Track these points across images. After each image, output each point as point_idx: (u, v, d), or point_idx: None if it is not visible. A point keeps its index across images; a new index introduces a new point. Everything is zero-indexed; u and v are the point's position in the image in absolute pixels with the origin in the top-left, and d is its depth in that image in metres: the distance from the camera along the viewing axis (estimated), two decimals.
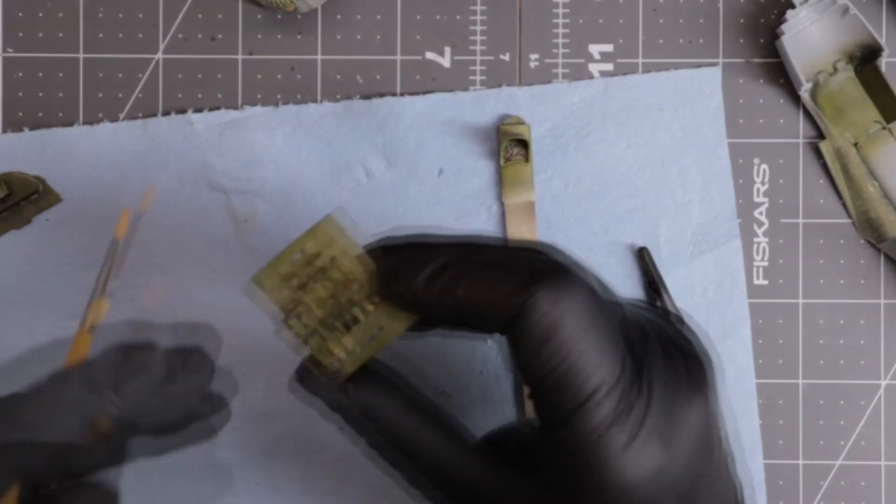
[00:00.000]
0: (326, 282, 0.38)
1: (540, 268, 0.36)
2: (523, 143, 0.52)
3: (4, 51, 0.53)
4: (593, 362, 0.35)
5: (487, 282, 0.36)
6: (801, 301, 0.53)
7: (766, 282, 0.53)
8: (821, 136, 0.53)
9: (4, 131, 0.53)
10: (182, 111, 0.53)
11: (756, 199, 0.53)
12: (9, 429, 0.36)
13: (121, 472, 0.52)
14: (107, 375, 0.39)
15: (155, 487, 0.52)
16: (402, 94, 0.53)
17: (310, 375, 0.39)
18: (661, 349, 0.37)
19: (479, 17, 0.53)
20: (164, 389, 0.40)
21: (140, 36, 0.53)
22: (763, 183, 0.53)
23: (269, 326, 0.44)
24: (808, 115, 0.53)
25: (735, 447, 0.52)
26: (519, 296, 0.35)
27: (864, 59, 0.52)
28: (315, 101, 0.53)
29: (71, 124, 0.53)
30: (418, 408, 0.39)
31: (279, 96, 0.53)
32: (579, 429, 0.35)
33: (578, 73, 0.53)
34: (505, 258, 0.37)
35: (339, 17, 0.53)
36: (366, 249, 0.38)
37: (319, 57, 0.53)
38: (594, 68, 0.53)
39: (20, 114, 0.53)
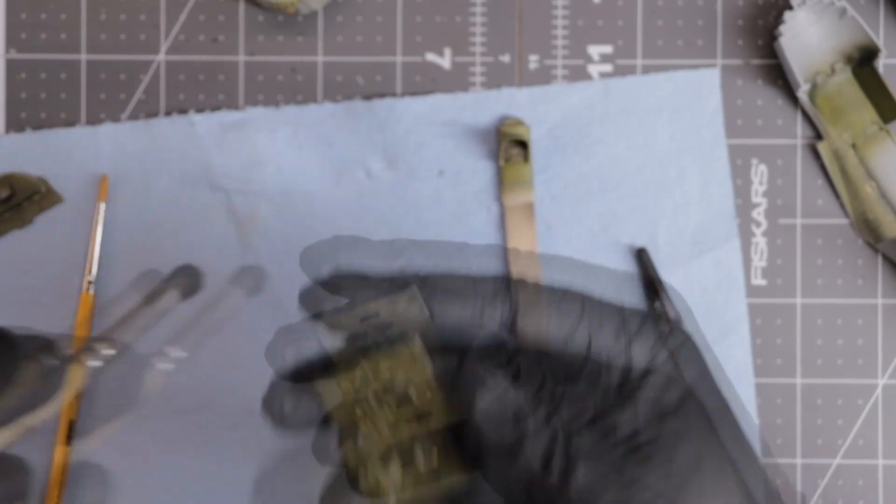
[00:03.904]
0: (393, 408, 0.34)
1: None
2: (523, 144, 0.52)
3: (7, 52, 0.53)
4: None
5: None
6: (799, 301, 0.53)
7: (764, 282, 0.53)
8: (819, 136, 0.53)
9: (7, 132, 0.53)
10: (184, 112, 0.53)
11: (754, 200, 0.53)
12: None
13: (119, 470, 0.52)
14: None
15: (154, 486, 0.53)
16: (402, 96, 0.53)
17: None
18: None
19: (478, 19, 0.53)
20: None
21: (142, 37, 0.53)
22: (761, 183, 0.53)
23: (270, 327, 0.44)
24: (807, 116, 0.53)
25: None
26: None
27: (862, 60, 0.52)
28: (316, 102, 0.53)
29: (73, 125, 0.53)
30: None
31: (280, 97, 0.53)
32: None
33: (578, 75, 0.53)
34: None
35: (339, 19, 0.53)
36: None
37: (320, 58, 0.53)
38: (593, 69, 0.53)
39: (23, 115, 0.53)
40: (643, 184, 0.53)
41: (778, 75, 0.53)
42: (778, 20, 0.52)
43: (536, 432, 0.33)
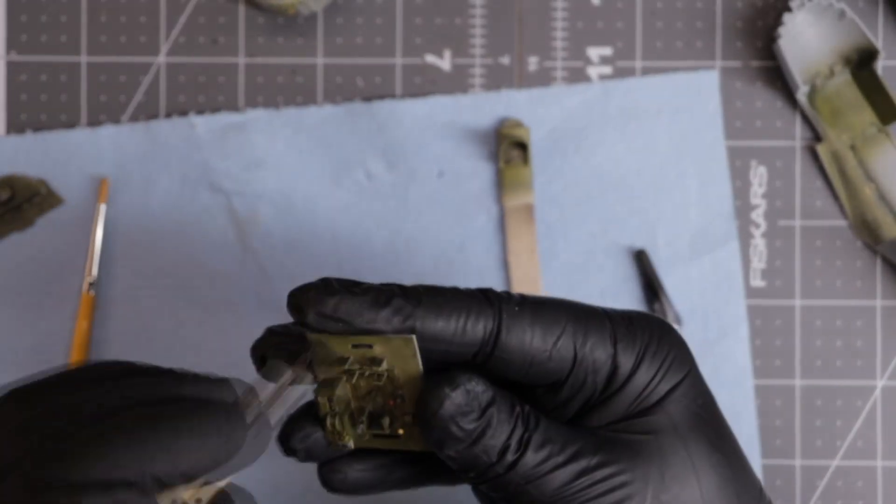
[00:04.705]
0: (373, 382, 0.36)
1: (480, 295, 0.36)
2: (522, 146, 0.52)
3: (8, 54, 0.53)
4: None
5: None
6: (798, 302, 0.53)
7: (763, 283, 0.53)
8: (818, 138, 0.53)
9: (7, 134, 0.53)
10: (184, 114, 0.53)
11: (753, 202, 0.53)
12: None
13: None
14: None
15: None
16: (402, 97, 0.53)
17: (291, 440, 0.37)
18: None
19: (478, 21, 0.53)
20: None
21: (142, 39, 0.53)
22: (760, 185, 0.53)
23: None
24: (806, 118, 0.53)
25: None
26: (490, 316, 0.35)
27: (861, 62, 0.52)
28: (316, 104, 0.53)
29: (73, 127, 0.53)
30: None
31: (280, 99, 0.53)
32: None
33: (577, 77, 0.53)
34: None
35: (339, 20, 0.53)
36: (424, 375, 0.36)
37: (320, 60, 0.53)
38: (593, 71, 0.53)
39: (23, 116, 0.53)
40: (642, 185, 0.53)
41: (777, 77, 0.53)
42: (777, 22, 0.52)
43: (499, 424, 0.34)
